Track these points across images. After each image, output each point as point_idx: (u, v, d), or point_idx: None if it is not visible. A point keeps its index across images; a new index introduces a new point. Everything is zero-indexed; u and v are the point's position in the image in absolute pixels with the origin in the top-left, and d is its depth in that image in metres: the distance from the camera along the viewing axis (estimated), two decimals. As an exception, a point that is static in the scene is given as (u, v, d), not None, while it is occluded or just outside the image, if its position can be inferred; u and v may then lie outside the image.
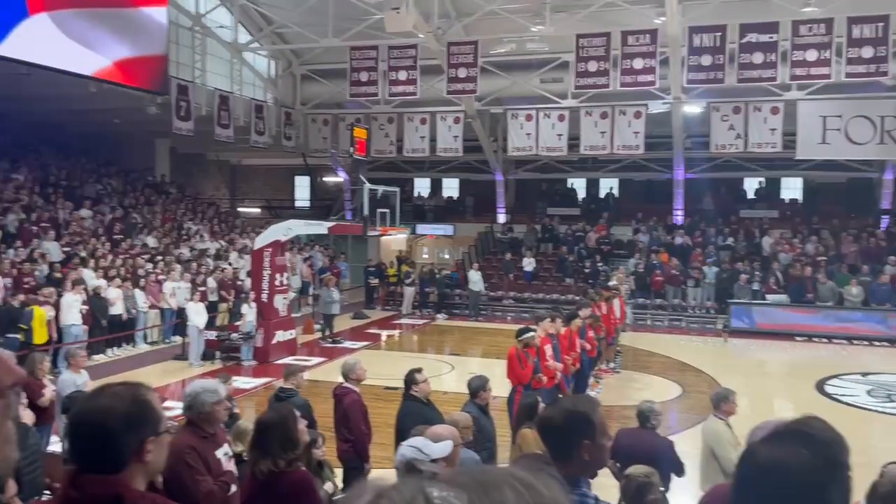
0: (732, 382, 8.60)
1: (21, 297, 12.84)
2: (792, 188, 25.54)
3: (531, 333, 8.84)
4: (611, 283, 16.98)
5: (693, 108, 21.61)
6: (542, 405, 6.45)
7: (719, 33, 18.47)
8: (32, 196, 17.55)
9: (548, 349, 9.19)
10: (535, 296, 22.09)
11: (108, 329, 14.44)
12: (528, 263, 22.89)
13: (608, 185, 26.83)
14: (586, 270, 22.34)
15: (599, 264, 22.28)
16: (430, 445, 3.52)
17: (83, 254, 15.72)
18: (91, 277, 14.70)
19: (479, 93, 20.82)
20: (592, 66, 19.32)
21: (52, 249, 15.32)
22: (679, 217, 23.76)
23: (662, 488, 5.06)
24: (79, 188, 19.83)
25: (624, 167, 24.35)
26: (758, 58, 18.24)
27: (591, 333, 11.61)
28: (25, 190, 17.67)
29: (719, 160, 22.42)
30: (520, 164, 25.41)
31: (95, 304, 14.06)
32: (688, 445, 6.96)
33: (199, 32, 21.18)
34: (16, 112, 19.05)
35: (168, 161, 24.97)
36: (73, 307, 13.20)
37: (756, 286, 20.07)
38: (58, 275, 14.37)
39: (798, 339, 18.39)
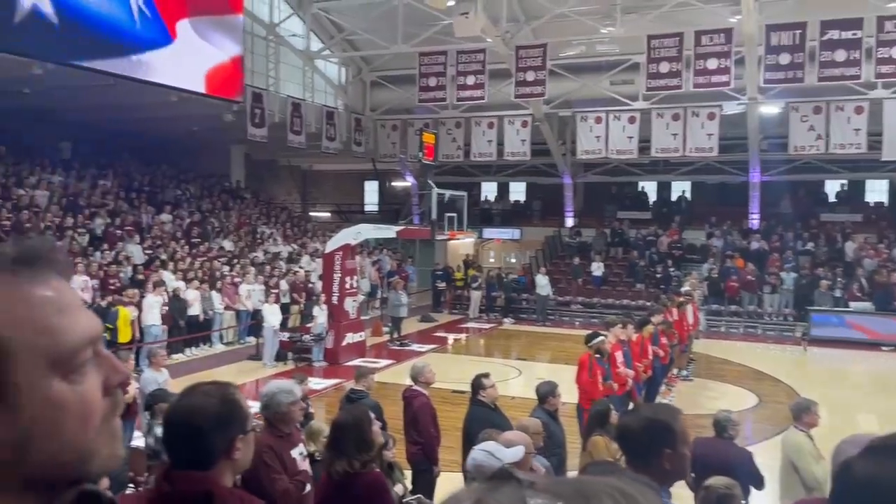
0: (813, 393, 8.27)
1: (108, 297, 13.45)
2: (877, 191, 24.37)
3: (601, 338, 8.72)
4: (683, 289, 16.58)
5: (770, 109, 20.92)
6: (613, 412, 6.38)
7: (798, 31, 17.84)
8: (118, 201, 18.35)
9: (619, 356, 9.04)
10: (605, 301, 21.76)
11: (186, 329, 14.96)
12: (598, 268, 22.58)
13: (680, 188, 26.21)
14: (657, 275, 21.87)
15: (671, 269, 21.77)
16: (502, 450, 3.52)
17: (164, 256, 16.34)
18: (171, 279, 15.27)
19: (547, 96, 20.69)
20: (664, 67, 18.94)
21: (136, 252, 15.99)
22: (755, 221, 23.01)
23: (743, 501, 4.90)
24: (160, 193, 20.64)
25: (697, 170, 23.75)
26: (840, 55, 17.53)
27: (663, 340, 11.37)
28: (111, 195, 18.49)
29: (798, 162, 21.62)
30: (588, 167, 25.11)
31: (175, 306, 14.60)
32: (766, 457, 6.72)
33: (273, 41, 21.76)
34: (102, 121, 20.01)
35: (243, 167, 25.73)
36: (153, 308, 13.74)
37: (838, 293, 19.24)
38: (140, 276, 14.99)
39: (884, 349, 17.53)
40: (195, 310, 15.24)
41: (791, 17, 17.73)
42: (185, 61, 16.80)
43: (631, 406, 9.64)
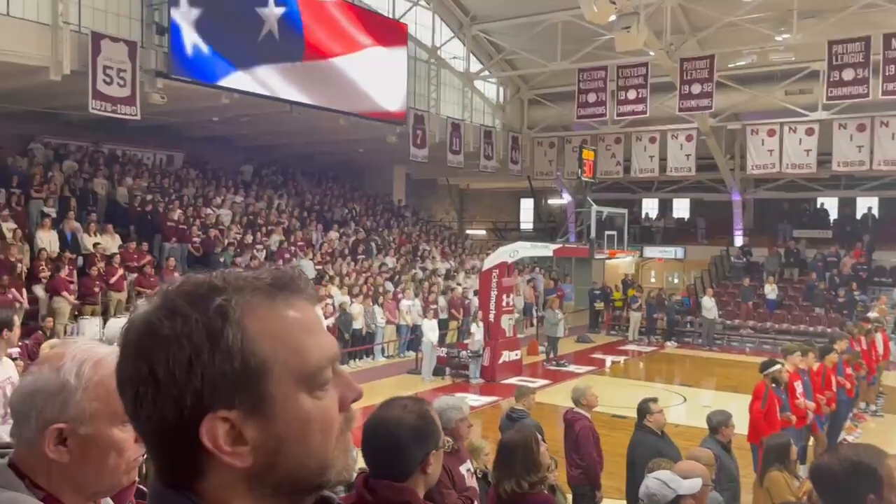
0: None
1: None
2: None
3: (777, 366, 8.10)
4: (871, 315, 15.10)
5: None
6: (793, 447, 5.89)
7: None
8: (291, 219, 19.61)
9: (798, 386, 8.36)
10: (779, 326, 20.32)
11: (350, 342, 15.65)
12: (771, 290, 21.11)
13: (866, 204, 24.03)
14: (840, 300, 20.08)
15: (856, 293, 19.90)
16: (678, 481, 3.34)
17: (331, 272, 17.21)
18: (338, 294, 16.05)
19: (714, 108, 19.75)
20: (848, 75, 17.48)
21: (308, 268, 16.95)
22: (960, 241, 20.60)
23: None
24: (329, 212, 21.82)
25: (886, 185, 21.63)
26: None
27: (848, 370, 10.39)
28: (286, 214, 19.79)
29: None
30: (759, 182, 23.66)
31: (341, 319, 15.33)
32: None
33: (435, 64, 22.45)
34: (279, 145, 21.59)
35: (404, 186, 26.69)
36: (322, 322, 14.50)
37: None
38: (311, 291, 15.87)
39: None
40: (359, 323, 15.92)
41: None
42: (352, 87, 17.75)
43: (812, 441, 8.90)
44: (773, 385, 7.86)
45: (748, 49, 19.43)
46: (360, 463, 1.90)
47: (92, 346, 1.24)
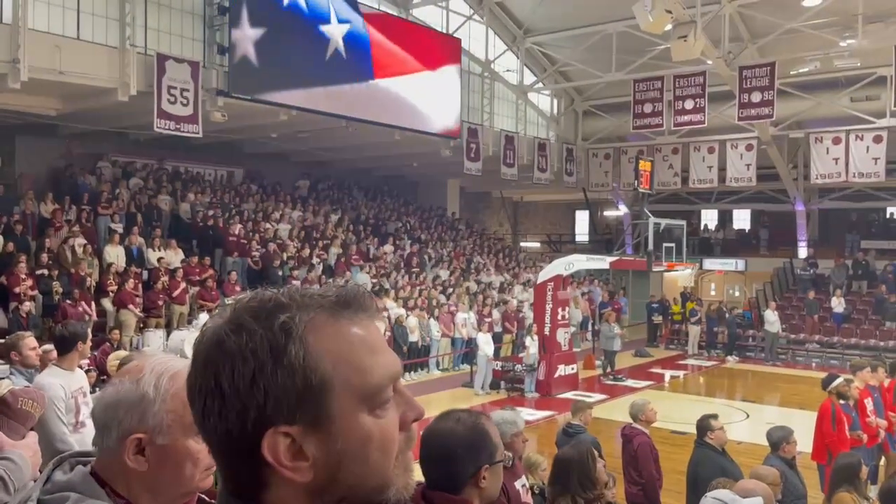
0: None
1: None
2: None
3: (840, 379, 7.79)
4: (946, 330, 14.43)
5: None
6: (864, 467, 5.65)
7: None
8: (347, 233, 19.88)
9: (868, 403, 8.02)
10: (847, 340, 19.58)
11: (406, 355, 15.72)
12: (838, 304, 20.38)
13: (939, 213, 23.05)
14: (912, 313, 19.26)
15: (929, 307, 19.07)
16: (738, 500, 3.24)
17: (387, 285, 17.35)
18: (393, 307, 16.17)
19: (775, 117, 19.25)
20: (917, 79, 16.84)
21: (364, 281, 17.14)
22: None
23: None
24: (383, 226, 22.05)
25: (960, 192, 20.73)
26: None
27: (923, 388, 9.92)
28: (342, 228, 20.07)
29: None
30: (823, 192, 22.93)
31: (397, 332, 15.44)
32: None
33: (488, 77, 22.52)
34: (335, 161, 21.97)
35: (458, 199, 26.78)
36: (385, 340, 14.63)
37: None
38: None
39: None
40: (415, 336, 16.00)
41: None
42: (409, 103, 17.99)
43: (883, 460, 8.53)
44: (841, 402, 7.57)
45: (811, 55, 18.90)
46: (419, 475, 1.91)
47: (169, 359, 1.29)
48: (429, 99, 18.60)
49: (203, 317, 12.85)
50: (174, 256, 14.90)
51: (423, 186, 26.33)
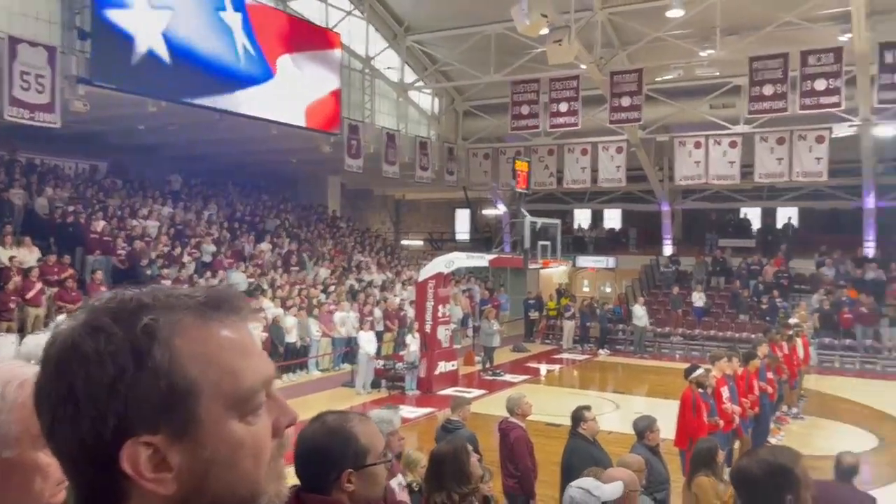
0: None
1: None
2: None
3: (700, 370, 8.30)
4: (792, 321, 15.69)
5: (885, 130, 19.72)
6: (720, 452, 6.02)
7: (916, 48, 16.80)
8: (222, 231, 19.14)
9: (724, 391, 8.58)
10: (707, 333, 20.90)
11: (283, 356, 15.33)
12: (698, 298, 21.73)
13: (786, 214, 25.07)
14: (763, 307, 20.83)
15: (778, 300, 20.67)
16: (601, 487, 3.34)
17: (264, 285, 16.86)
18: (270, 306, 15.72)
19: (643, 121, 20.28)
20: (768, 90, 18.22)
21: (239, 280, 16.56)
22: (870, 249, 21.62)
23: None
24: (261, 223, 21.41)
25: (804, 195, 22.60)
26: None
27: (770, 375, 10.75)
28: (216, 225, 19.31)
29: (918, 186, 20.25)
30: (687, 193, 24.38)
31: (274, 332, 15.01)
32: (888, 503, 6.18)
33: (369, 74, 22.36)
34: (208, 155, 21.08)
35: (339, 196, 26.44)
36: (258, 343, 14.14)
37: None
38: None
39: None
40: (293, 336, 15.62)
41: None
42: (287, 96, 17.55)
43: (737, 444, 9.15)
44: (700, 390, 8.04)
45: (675, 63, 20.07)
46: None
47: (18, 365, 1.19)
48: (307, 94, 18.21)
49: (61, 319, 11.99)
50: (28, 255, 13.78)
51: (303, 183, 25.80)
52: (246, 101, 16.39)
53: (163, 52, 14.41)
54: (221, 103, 15.72)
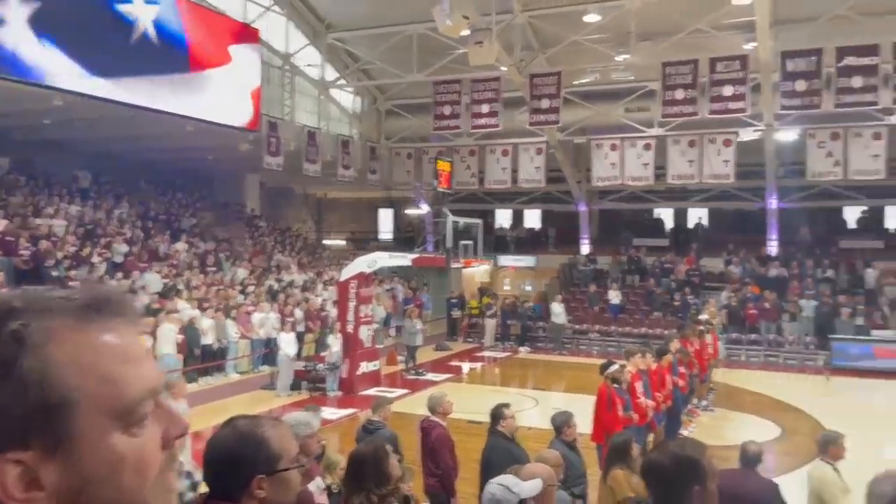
0: (837, 424, 8.04)
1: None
2: (898, 217, 24.12)
3: (615, 366, 8.55)
4: (702, 317, 16.36)
5: (787, 135, 20.81)
6: (635, 445, 6.22)
7: (814, 57, 17.78)
8: (134, 230, 18.44)
9: (638, 386, 8.87)
10: (622, 329, 21.55)
11: (200, 358, 14.90)
12: (614, 296, 22.38)
13: (697, 214, 26.07)
14: (675, 303, 21.64)
15: (689, 297, 21.53)
16: (520, 484, 3.40)
17: (180, 286, 16.34)
18: (186, 308, 15.25)
19: (561, 123, 20.71)
20: (679, 94, 18.93)
21: (153, 280, 16.00)
22: (773, 248, 22.79)
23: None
24: (176, 222, 20.73)
25: (713, 196, 23.60)
26: (857, 82, 17.44)
27: (682, 369, 11.17)
28: (128, 224, 18.59)
29: (816, 188, 21.43)
30: (604, 194, 25.05)
31: (190, 334, 14.55)
32: (789, 489, 6.53)
33: (289, 71, 21.99)
34: (120, 151, 20.25)
35: (258, 195, 25.88)
36: (169, 337, 13.66)
37: (860, 321, 18.93)
38: (156, 305, 14.97)
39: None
40: (209, 338, 15.19)
41: (807, 44, 17.68)
42: (203, 91, 17.01)
43: (651, 437, 9.47)
44: (615, 385, 8.28)
45: (591, 67, 20.59)
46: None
47: None
48: (224, 90, 17.71)
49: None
50: (-81, 256, 12.94)
51: (220, 181, 25.09)
52: (160, 96, 15.79)
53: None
54: (122, 96, 14.98)
